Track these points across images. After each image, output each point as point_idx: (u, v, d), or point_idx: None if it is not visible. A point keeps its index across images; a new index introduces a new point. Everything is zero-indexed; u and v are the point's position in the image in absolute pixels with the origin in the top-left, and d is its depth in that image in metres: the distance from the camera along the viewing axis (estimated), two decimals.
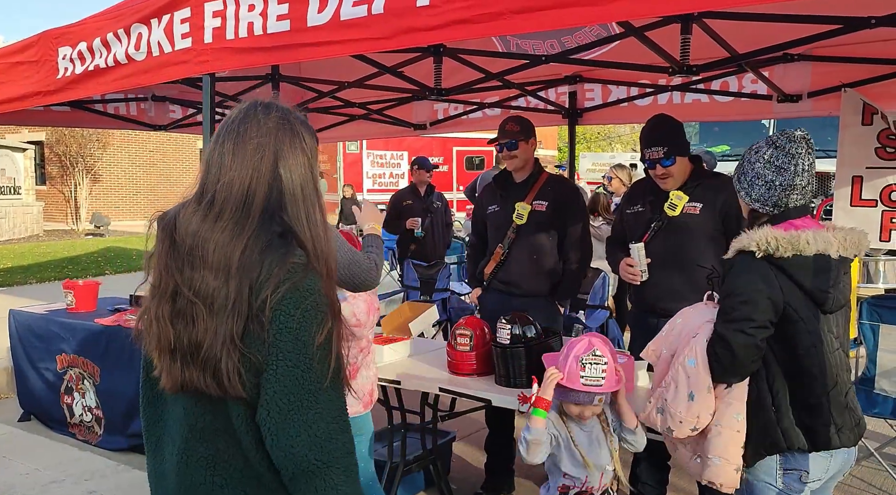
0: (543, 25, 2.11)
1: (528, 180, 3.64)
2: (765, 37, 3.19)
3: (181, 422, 1.34)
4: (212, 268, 1.27)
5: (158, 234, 1.36)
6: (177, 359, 1.30)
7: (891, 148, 3.78)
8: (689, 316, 2.19)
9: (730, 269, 2.05)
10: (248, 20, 2.79)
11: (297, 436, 1.24)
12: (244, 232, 1.28)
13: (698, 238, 3.10)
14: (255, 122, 1.35)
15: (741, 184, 2.13)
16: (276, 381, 1.24)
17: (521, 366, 2.79)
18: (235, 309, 1.25)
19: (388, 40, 2.42)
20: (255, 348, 1.25)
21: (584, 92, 5.11)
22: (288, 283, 1.25)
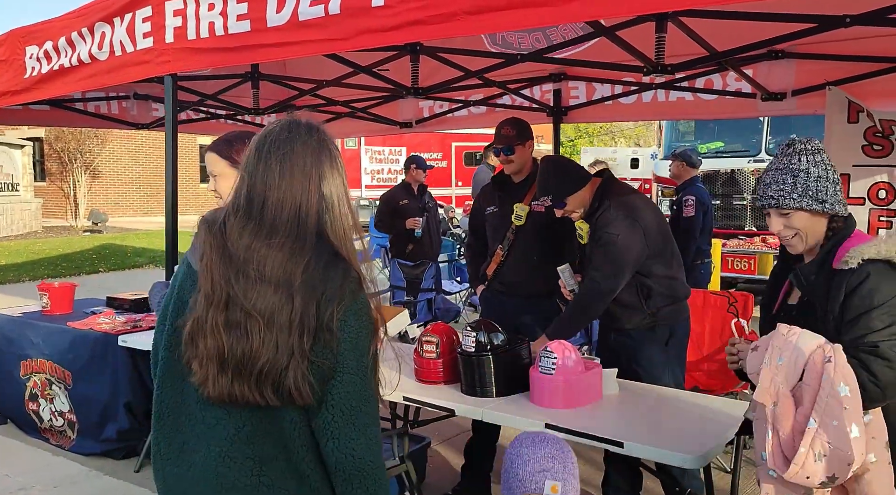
0: (498, 27, 2.04)
1: (527, 181, 3.58)
2: (742, 35, 3.12)
3: (223, 426, 1.38)
4: (271, 283, 1.33)
5: (208, 240, 1.38)
6: (227, 370, 1.33)
7: (878, 145, 3.71)
8: (788, 342, 1.79)
9: (863, 281, 1.82)
10: (208, 20, 2.73)
11: (358, 439, 1.35)
12: (304, 250, 1.36)
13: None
14: (301, 143, 1.41)
15: (827, 203, 1.91)
16: (343, 387, 1.34)
17: (486, 375, 2.72)
18: (303, 323, 1.32)
19: (346, 41, 2.36)
20: (323, 357, 1.33)
21: (569, 90, 5.04)
22: (349, 298, 1.35)
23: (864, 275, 1.82)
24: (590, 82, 4.87)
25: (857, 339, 1.79)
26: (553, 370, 2.60)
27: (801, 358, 1.75)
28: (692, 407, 2.67)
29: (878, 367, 1.75)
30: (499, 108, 5.36)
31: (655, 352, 3.13)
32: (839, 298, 1.84)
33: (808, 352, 1.75)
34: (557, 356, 2.61)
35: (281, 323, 1.32)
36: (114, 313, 4.34)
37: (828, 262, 1.90)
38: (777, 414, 1.75)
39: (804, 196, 1.92)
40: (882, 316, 1.79)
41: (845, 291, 1.83)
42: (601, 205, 3.07)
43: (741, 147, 8.98)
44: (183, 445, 1.44)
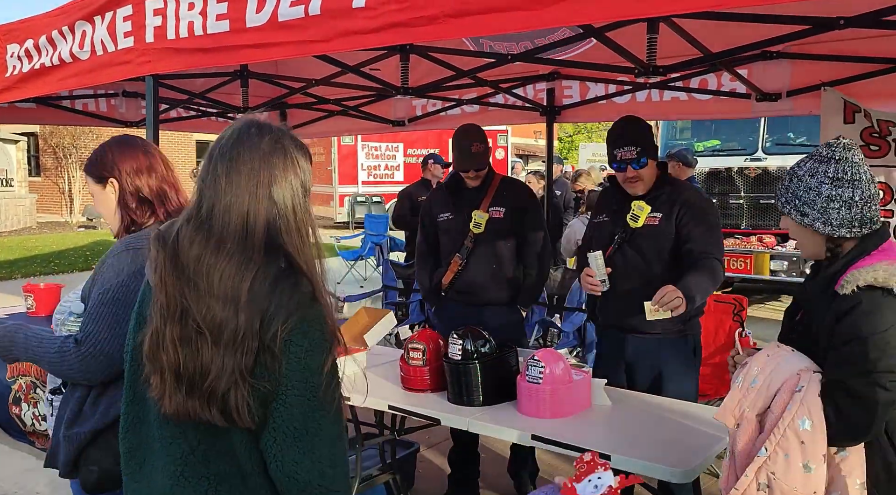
0: (481, 30, 1.99)
1: (482, 186, 3.49)
2: (736, 36, 3.06)
3: (177, 443, 1.35)
4: (219, 297, 1.27)
5: (161, 252, 1.33)
6: (182, 385, 1.29)
7: (874, 146, 3.64)
8: (769, 364, 1.74)
9: (852, 309, 1.69)
10: (188, 19, 2.66)
11: (301, 462, 1.29)
12: (252, 261, 1.29)
13: (661, 251, 2.93)
14: (249, 146, 1.34)
15: (809, 216, 1.80)
16: (286, 410, 1.28)
17: (473, 383, 2.67)
18: (245, 342, 1.26)
19: (326, 43, 2.31)
20: (265, 379, 1.27)
21: (562, 89, 4.98)
22: (297, 314, 1.28)
23: (854, 303, 1.69)
24: (583, 82, 4.81)
25: (832, 370, 1.70)
26: (540, 379, 2.55)
27: (774, 383, 1.68)
28: (683, 416, 2.63)
29: (844, 404, 1.65)
30: (492, 107, 5.30)
31: (684, 361, 2.99)
32: (830, 323, 1.73)
33: (783, 378, 1.68)
34: (545, 365, 2.56)
35: (226, 340, 1.27)
36: None
37: (833, 283, 1.76)
38: (736, 436, 1.72)
39: (788, 202, 1.84)
40: (863, 349, 1.65)
41: (836, 317, 1.71)
42: (674, 185, 3.00)
43: (738, 145, 8.92)
44: (143, 461, 1.41)
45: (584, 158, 22.16)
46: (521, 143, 31.67)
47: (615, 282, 2.92)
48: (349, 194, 18.65)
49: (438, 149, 19.73)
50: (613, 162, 2.95)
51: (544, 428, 2.45)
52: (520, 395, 2.62)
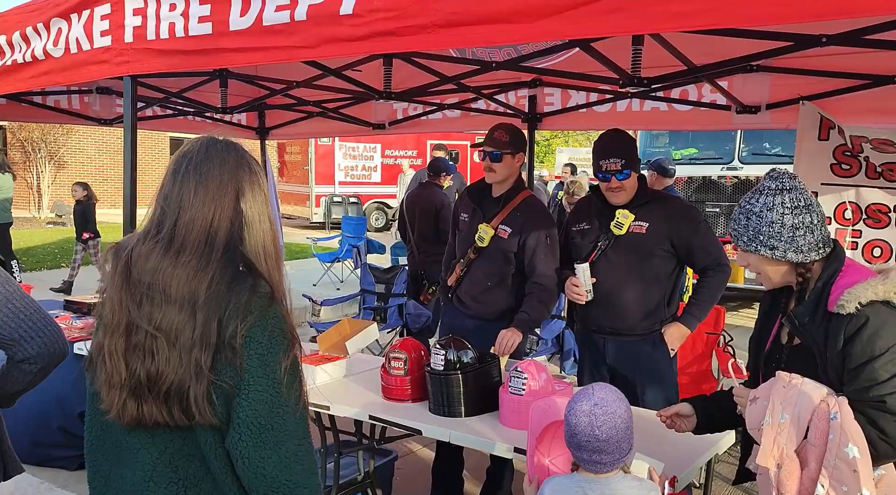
0: (469, 41, 1.97)
1: (503, 199, 3.33)
2: (719, 50, 3.07)
3: (146, 451, 1.37)
4: (175, 302, 1.32)
5: (113, 269, 1.39)
6: (132, 394, 1.33)
7: (846, 165, 3.70)
8: (790, 395, 1.65)
9: (861, 327, 1.67)
10: (169, 20, 2.61)
11: (268, 458, 1.31)
12: (209, 266, 1.34)
13: (645, 257, 3.06)
14: (219, 161, 1.42)
15: (779, 249, 1.80)
16: (248, 406, 1.31)
17: (455, 395, 2.65)
18: (203, 340, 1.30)
19: (312, 49, 2.27)
20: (226, 376, 1.31)
21: (544, 96, 4.98)
22: (256, 313, 1.33)
23: (862, 321, 1.67)
24: (565, 89, 4.82)
25: (861, 391, 1.65)
26: (523, 390, 2.55)
27: (804, 413, 1.62)
28: (660, 425, 2.63)
29: (886, 423, 1.62)
30: (474, 113, 5.29)
31: (666, 362, 3.10)
32: (838, 345, 1.70)
33: (811, 407, 1.62)
34: (527, 376, 2.55)
35: (183, 341, 1.31)
36: (70, 318, 4.19)
37: (822, 304, 1.75)
38: (781, 478, 1.63)
39: (752, 241, 1.84)
40: (886, 365, 1.64)
41: (844, 337, 1.69)
42: (658, 198, 3.16)
43: (715, 154, 9.03)
44: (109, 473, 1.43)
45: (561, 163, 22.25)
46: None
47: (599, 288, 3.07)
48: (326, 195, 18.51)
49: (416, 151, 19.72)
50: (598, 172, 3.07)
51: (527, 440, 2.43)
52: (502, 407, 2.61)
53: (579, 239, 3.19)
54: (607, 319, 3.10)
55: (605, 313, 3.09)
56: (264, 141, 6.62)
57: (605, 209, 3.13)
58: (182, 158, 1.44)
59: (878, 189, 3.75)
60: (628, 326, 3.07)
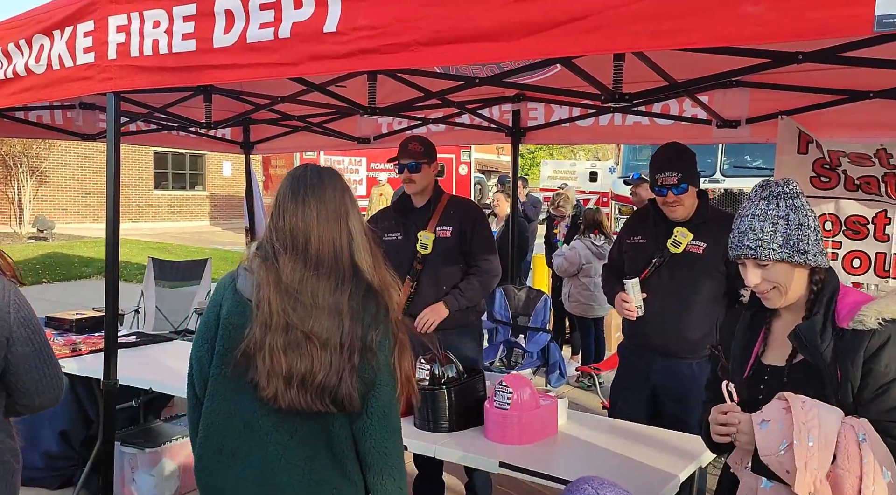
0: (452, 60, 1.99)
1: (429, 205, 3.44)
2: (699, 66, 3.12)
3: (277, 431, 1.65)
4: (324, 310, 1.60)
5: (263, 274, 1.65)
6: (293, 384, 1.59)
7: (825, 177, 3.76)
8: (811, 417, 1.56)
9: (884, 345, 1.61)
10: (153, 37, 2.61)
11: (389, 439, 1.66)
12: (346, 282, 1.63)
13: (700, 278, 2.98)
14: (332, 187, 1.71)
15: (810, 254, 1.71)
16: (379, 397, 1.65)
17: (441, 409, 2.65)
18: (352, 344, 1.60)
19: (295, 67, 2.28)
20: (368, 373, 1.63)
21: (528, 111, 5.02)
22: (384, 324, 1.65)
23: (885, 338, 1.60)
24: (548, 104, 4.86)
25: (887, 412, 1.59)
26: (508, 404, 2.55)
27: (831, 436, 1.53)
28: (648, 441, 2.64)
29: None
30: (458, 127, 5.32)
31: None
32: (858, 361, 1.62)
33: (836, 430, 1.54)
34: (512, 390, 2.56)
35: (334, 344, 1.59)
36: (53, 335, 4.14)
37: (829, 321, 1.68)
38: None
39: (785, 246, 1.71)
40: None
41: (864, 356, 1.61)
42: (719, 217, 3.01)
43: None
44: (236, 450, 1.68)
45: (546, 175, 22.35)
46: (484, 159, 31.86)
47: (650, 305, 2.99)
48: None
49: None
50: (654, 186, 3.01)
51: (511, 454, 2.44)
52: (487, 421, 2.61)
53: (633, 252, 3.13)
54: (657, 338, 3.00)
55: (655, 332, 3.00)
56: (249, 155, 6.61)
57: (663, 224, 3.05)
58: (298, 181, 1.71)
59: (857, 201, 3.81)
60: (678, 347, 2.97)
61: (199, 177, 23.87)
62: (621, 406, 3.05)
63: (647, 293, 2.98)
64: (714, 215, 3.07)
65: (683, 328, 2.94)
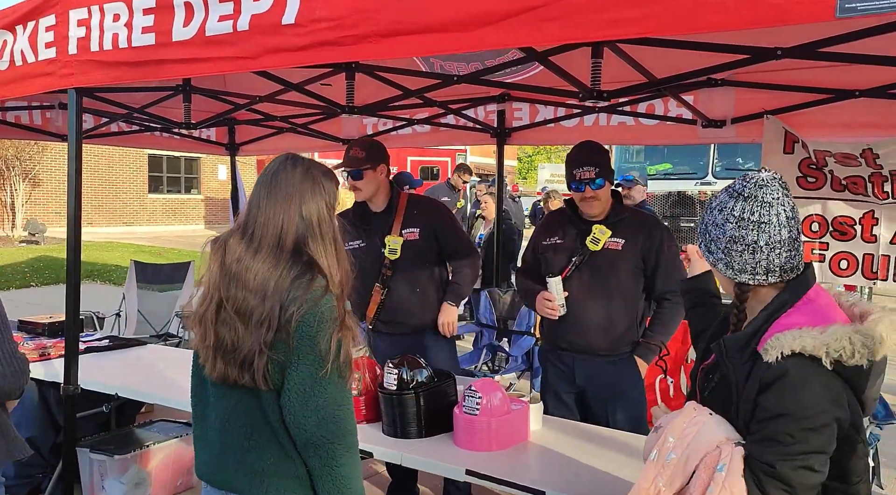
0: (410, 51, 1.91)
1: (389, 208, 3.34)
2: (680, 63, 3.05)
3: (224, 400, 1.74)
4: (252, 290, 1.66)
5: (212, 255, 1.75)
6: (219, 355, 1.69)
7: (811, 178, 3.68)
8: (687, 434, 1.52)
9: (778, 379, 1.46)
10: (113, 31, 2.54)
11: (309, 416, 1.65)
12: (279, 264, 1.68)
13: (620, 275, 2.99)
14: (285, 174, 1.74)
15: (714, 254, 1.63)
16: (297, 375, 1.65)
17: (410, 415, 2.57)
18: (267, 322, 1.64)
19: (254, 60, 2.21)
20: (280, 351, 1.65)
21: (513, 111, 4.95)
22: (310, 303, 1.65)
23: (780, 373, 1.45)
24: (533, 104, 4.79)
25: (759, 448, 1.47)
26: (477, 410, 2.47)
27: (693, 458, 1.48)
28: (625, 450, 2.55)
29: (772, 490, 1.44)
30: (443, 128, 5.25)
31: (635, 382, 3.02)
32: (752, 391, 1.50)
33: (703, 452, 1.48)
34: (482, 395, 2.47)
35: (255, 321, 1.65)
36: (23, 338, 4.05)
37: (756, 339, 1.54)
38: None
39: (700, 235, 1.70)
40: (790, 427, 1.43)
41: (759, 386, 1.49)
42: (634, 213, 3.09)
43: (689, 169, 9.09)
44: (203, 413, 1.83)
45: (543, 178, 22.30)
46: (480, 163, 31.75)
47: (571, 303, 2.99)
48: None
49: (396, 167, 19.66)
50: (572, 182, 3.02)
51: (479, 462, 2.35)
52: (456, 427, 2.53)
53: (551, 253, 3.11)
54: (578, 337, 3.01)
55: (577, 330, 3.00)
56: (234, 156, 6.54)
57: (580, 223, 3.06)
58: (263, 172, 1.78)
59: (844, 202, 3.73)
60: (600, 345, 2.99)
61: (194, 180, 23.78)
62: (552, 411, 3.00)
63: (568, 292, 2.98)
64: (630, 212, 3.11)
65: (605, 325, 2.96)
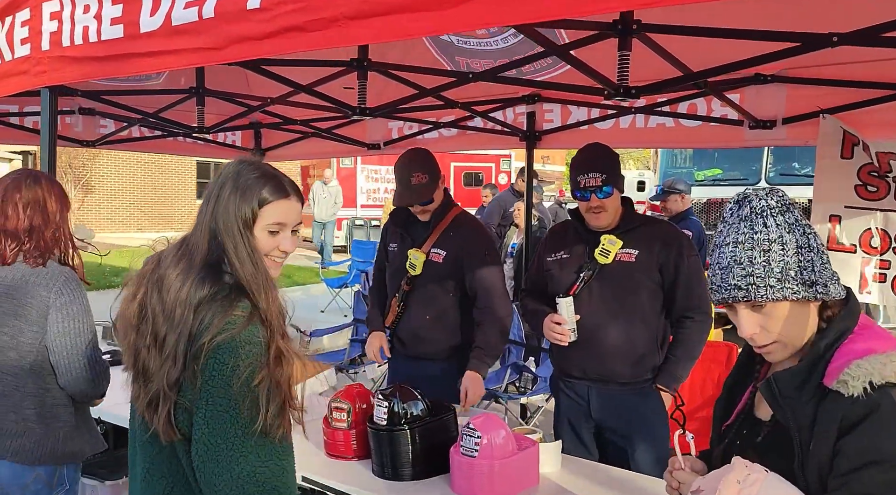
0: (382, 35, 1.63)
1: (432, 221, 3.00)
2: (719, 55, 2.69)
3: (149, 444, 1.44)
4: (165, 312, 1.36)
5: (145, 273, 1.46)
6: (141, 390, 1.40)
7: (872, 186, 3.26)
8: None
9: (867, 416, 1.19)
10: (83, 24, 2.32)
11: (220, 475, 1.31)
12: (187, 280, 1.37)
13: (635, 290, 2.64)
14: (220, 182, 1.46)
15: (818, 284, 1.29)
16: (206, 424, 1.31)
17: (402, 454, 2.27)
18: (173, 356, 1.33)
19: (220, 51, 1.96)
20: (187, 394, 1.33)
21: (543, 113, 4.63)
22: (225, 333, 1.31)
23: (870, 409, 1.16)
24: (565, 105, 4.46)
25: None
26: (476, 451, 2.15)
27: None
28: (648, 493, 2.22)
29: None
30: (470, 131, 4.97)
31: (660, 415, 2.65)
32: (830, 434, 1.21)
33: None
34: (481, 434, 2.16)
35: (164, 354, 1.34)
36: None
37: (817, 373, 1.25)
38: None
39: (785, 280, 1.27)
40: (891, 476, 1.15)
41: (840, 427, 1.20)
42: (648, 222, 2.75)
43: (740, 175, 8.55)
44: (133, 458, 1.54)
45: None
46: None
47: (582, 325, 2.64)
48: (348, 218, 18.28)
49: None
50: (577, 190, 2.66)
51: None
52: (453, 469, 2.22)
53: (557, 270, 2.77)
54: (592, 363, 2.67)
55: (590, 356, 2.66)
56: None
57: (588, 235, 2.73)
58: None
59: None
60: (617, 372, 2.64)
61: None
62: (567, 448, 2.62)
63: (577, 313, 2.62)
64: (642, 220, 2.75)
65: (623, 348, 2.60)
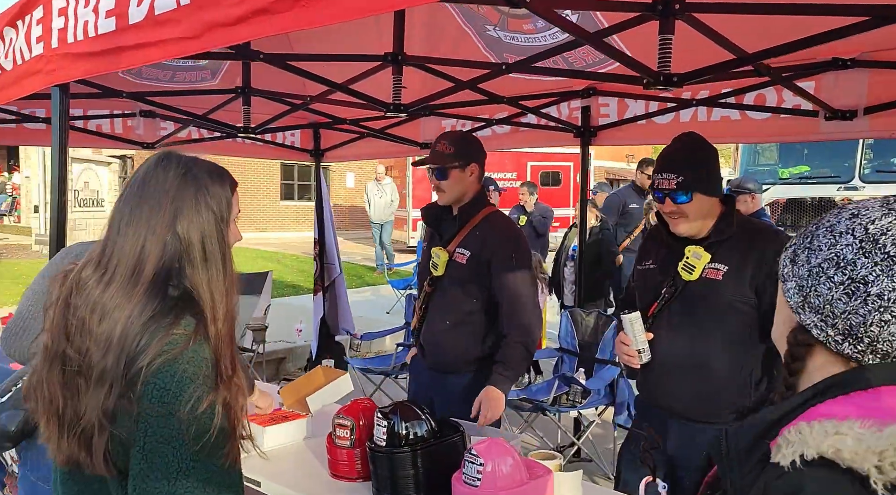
0: (348, 12, 1.44)
1: (460, 217, 2.77)
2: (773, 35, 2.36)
3: (70, 486, 1.31)
4: (96, 337, 1.21)
5: (56, 292, 1.29)
6: (64, 429, 1.23)
7: None
8: None
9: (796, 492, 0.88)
10: (84, 18, 2.25)
11: None
12: (131, 300, 1.21)
13: (719, 313, 2.20)
14: (155, 180, 1.29)
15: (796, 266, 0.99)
16: (144, 458, 1.17)
17: (404, 478, 2.07)
18: (108, 383, 1.18)
19: (196, 40, 1.83)
20: (123, 424, 1.18)
21: (598, 107, 4.33)
22: (165, 355, 1.18)
23: (791, 491, 0.86)
24: (622, 98, 4.16)
25: None
26: (478, 480, 1.93)
27: None
28: None
29: None
30: (523, 128, 4.73)
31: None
32: None
33: None
34: (484, 461, 1.93)
35: (96, 382, 1.19)
36: None
37: (768, 433, 0.93)
38: None
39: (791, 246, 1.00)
40: None
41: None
42: (745, 230, 2.24)
43: (830, 172, 7.87)
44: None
45: None
46: (609, 167, 30.43)
47: (659, 349, 2.27)
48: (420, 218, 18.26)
49: (516, 172, 19.13)
50: (654, 189, 2.28)
51: None
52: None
53: (643, 281, 2.41)
54: (670, 395, 2.29)
55: (667, 387, 2.29)
56: (319, 162, 6.39)
57: (674, 244, 2.31)
58: (130, 179, 1.33)
59: None
60: (696, 408, 2.23)
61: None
62: (627, 478, 2.29)
63: (654, 334, 2.25)
64: (740, 227, 2.25)
65: (703, 381, 2.18)
